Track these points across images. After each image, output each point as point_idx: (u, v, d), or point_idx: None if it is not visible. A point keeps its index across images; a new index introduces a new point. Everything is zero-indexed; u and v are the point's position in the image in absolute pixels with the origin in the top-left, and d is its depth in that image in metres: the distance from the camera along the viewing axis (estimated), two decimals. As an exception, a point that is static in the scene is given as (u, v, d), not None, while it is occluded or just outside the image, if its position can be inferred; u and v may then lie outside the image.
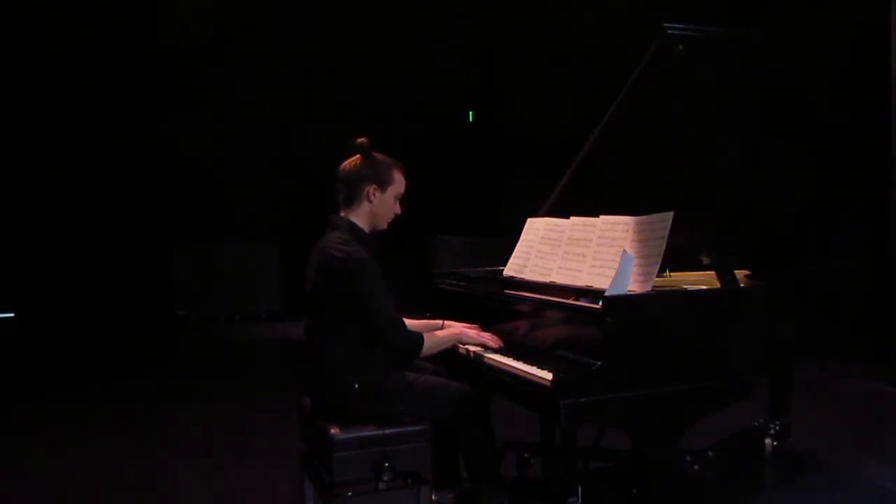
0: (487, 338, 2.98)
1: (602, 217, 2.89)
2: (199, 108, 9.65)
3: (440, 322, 3.07)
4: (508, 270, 3.31)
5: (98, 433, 5.02)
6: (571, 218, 3.06)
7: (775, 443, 3.49)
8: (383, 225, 2.96)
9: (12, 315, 9.42)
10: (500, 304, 3.10)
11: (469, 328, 3.05)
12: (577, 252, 2.93)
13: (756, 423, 3.54)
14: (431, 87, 9.73)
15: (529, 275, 3.15)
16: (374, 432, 2.68)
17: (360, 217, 2.91)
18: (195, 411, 5.55)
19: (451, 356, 3.01)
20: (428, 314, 3.40)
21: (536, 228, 3.26)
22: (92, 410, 5.63)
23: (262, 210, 10.10)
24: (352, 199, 2.90)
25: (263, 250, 10.30)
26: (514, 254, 3.33)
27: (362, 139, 2.92)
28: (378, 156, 2.93)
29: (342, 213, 2.92)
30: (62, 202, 9.31)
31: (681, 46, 2.74)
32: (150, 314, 9.44)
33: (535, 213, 3.39)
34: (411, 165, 3.02)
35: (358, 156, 2.92)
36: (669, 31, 2.74)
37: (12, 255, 9.19)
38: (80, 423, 5.29)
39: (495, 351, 2.88)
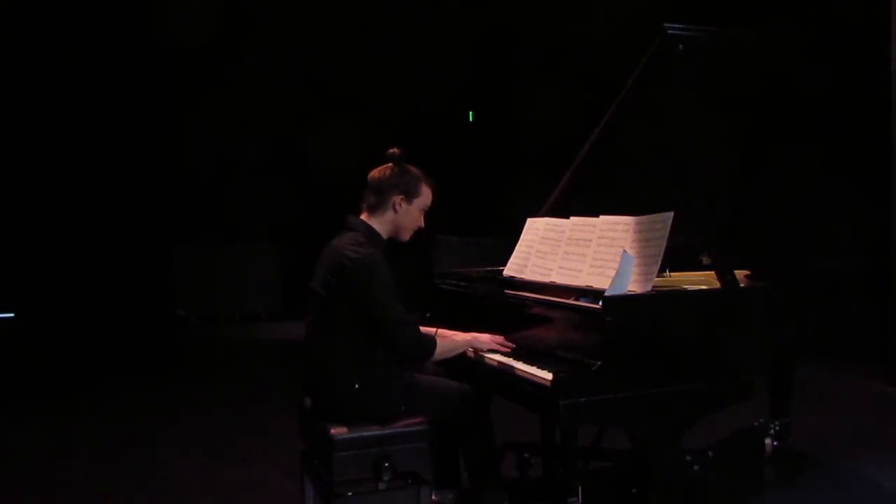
0: (499, 342, 2.92)
1: (602, 217, 2.89)
2: (199, 108, 9.65)
3: (433, 330, 3.00)
4: (508, 270, 3.30)
5: (98, 433, 5.02)
6: (571, 218, 3.06)
7: (775, 443, 3.49)
8: (405, 236, 2.94)
9: (12, 315, 9.42)
10: (500, 304, 3.10)
11: (482, 335, 2.97)
12: (577, 252, 2.93)
13: (756, 423, 3.54)
14: (431, 87, 9.72)
15: (529, 275, 3.15)
16: (374, 432, 2.68)
17: (382, 224, 2.89)
18: (195, 411, 5.55)
19: (452, 357, 3.00)
20: (428, 314, 3.39)
21: (536, 228, 3.26)
22: (92, 410, 5.63)
23: (261, 210, 10.08)
24: (377, 206, 2.89)
25: (263, 250, 10.29)
26: (514, 254, 3.33)
27: (395, 149, 2.91)
28: (409, 167, 2.91)
29: (362, 217, 2.90)
30: (62, 202, 9.31)
31: (680, 46, 2.74)
32: (150, 314, 9.43)
33: (535, 213, 3.39)
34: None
35: (389, 164, 2.91)
36: (669, 31, 2.74)
37: (12, 255, 9.19)
38: (79, 422, 5.29)
39: (494, 351, 2.88)
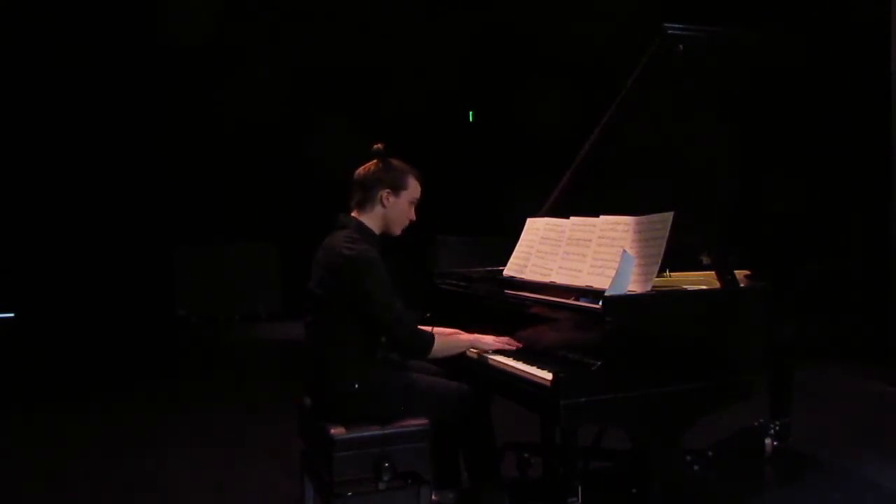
0: (504, 342, 2.90)
1: (602, 217, 2.89)
2: (199, 108, 9.65)
3: (429, 328, 2.97)
4: (508, 270, 3.30)
5: (97, 433, 5.02)
6: (571, 218, 3.06)
7: (775, 443, 3.49)
8: (397, 231, 2.94)
9: (12, 315, 9.42)
10: (501, 304, 3.09)
11: (485, 336, 2.95)
12: (577, 252, 2.93)
13: (756, 423, 3.54)
14: (431, 87, 9.72)
15: (529, 275, 3.15)
16: (374, 432, 2.68)
17: (372, 220, 2.90)
18: (195, 411, 5.55)
19: (452, 356, 3.00)
20: (428, 314, 3.39)
21: (536, 228, 3.26)
22: (92, 410, 5.63)
23: (261, 210, 10.08)
24: (365, 202, 2.90)
25: (263, 250, 10.28)
26: (514, 254, 3.33)
27: (379, 144, 2.93)
28: (394, 161, 2.93)
29: (353, 214, 2.91)
30: (62, 202, 9.31)
31: (681, 46, 2.74)
32: (150, 314, 9.43)
33: (535, 213, 3.39)
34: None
35: (374, 160, 2.92)
36: (670, 31, 2.74)
37: (12, 255, 9.18)
38: (79, 422, 5.29)
39: (495, 351, 2.88)
